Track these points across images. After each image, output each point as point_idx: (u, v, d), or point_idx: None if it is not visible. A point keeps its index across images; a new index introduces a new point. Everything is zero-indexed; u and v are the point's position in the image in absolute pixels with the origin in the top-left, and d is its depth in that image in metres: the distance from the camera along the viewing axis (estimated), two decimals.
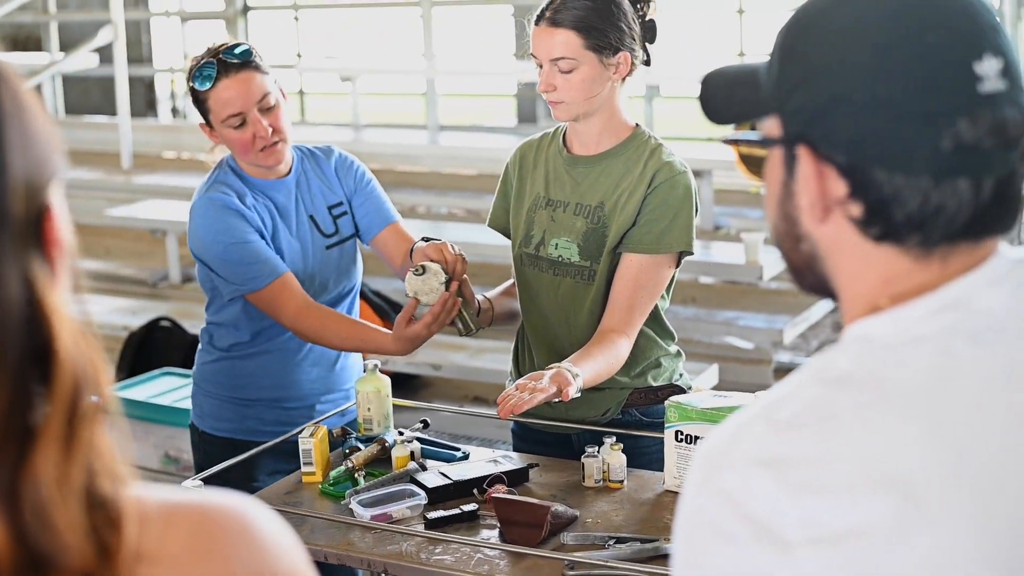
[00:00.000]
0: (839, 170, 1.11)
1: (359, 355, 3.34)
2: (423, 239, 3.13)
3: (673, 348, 3.10)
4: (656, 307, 2.99)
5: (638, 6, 2.93)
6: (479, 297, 3.12)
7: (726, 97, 1.22)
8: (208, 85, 3.03)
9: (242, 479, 2.97)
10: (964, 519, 1.02)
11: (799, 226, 1.17)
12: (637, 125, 3.02)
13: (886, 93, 1.09)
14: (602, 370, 2.86)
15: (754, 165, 1.23)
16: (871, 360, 1.09)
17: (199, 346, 3.31)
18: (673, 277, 3.01)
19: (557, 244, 3.00)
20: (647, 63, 2.98)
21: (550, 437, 3.08)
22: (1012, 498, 1.04)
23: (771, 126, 1.17)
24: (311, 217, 3.18)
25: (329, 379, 3.26)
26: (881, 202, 1.10)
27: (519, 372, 3.11)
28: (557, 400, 2.71)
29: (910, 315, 1.10)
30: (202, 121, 3.13)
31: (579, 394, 2.74)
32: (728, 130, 1.28)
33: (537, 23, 2.91)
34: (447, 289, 2.99)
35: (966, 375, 1.07)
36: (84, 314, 0.88)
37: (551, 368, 2.76)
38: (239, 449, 3.04)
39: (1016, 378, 1.09)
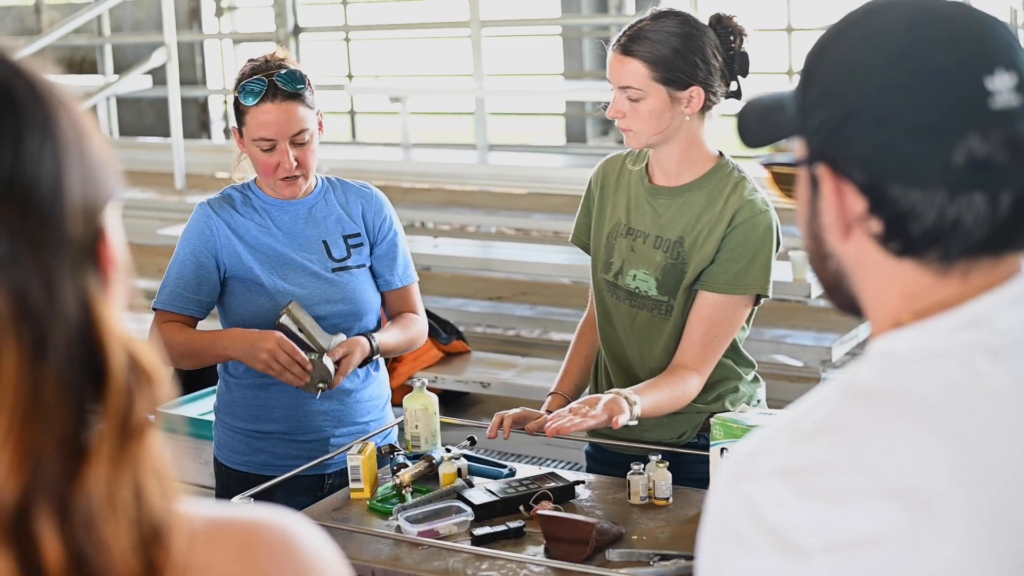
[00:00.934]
0: (857, 187, 1.14)
1: (378, 389, 3.32)
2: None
3: (751, 375, 3.09)
4: (734, 338, 3.00)
5: (731, 39, 2.91)
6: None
7: (759, 122, 1.25)
8: (252, 101, 3.06)
9: None
10: (977, 529, 1.04)
11: (825, 244, 1.20)
12: (721, 155, 2.99)
13: (896, 109, 1.11)
14: (665, 403, 2.87)
15: (786, 186, 1.26)
16: (893, 373, 1.11)
17: (219, 375, 3.30)
18: (752, 312, 2.99)
19: (635, 275, 2.99)
20: (737, 95, 2.94)
21: (624, 459, 3.07)
22: (1021, 506, 1.06)
23: (797, 147, 1.20)
24: (324, 242, 3.19)
25: (343, 412, 3.22)
26: (899, 217, 1.12)
27: (597, 390, 3.12)
28: (607, 428, 2.75)
29: (933, 330, 1.12)
30: (235, 125, 3.17)
31: (635, 423, 2.77)
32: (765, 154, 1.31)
33: (613, 48, 2.91)
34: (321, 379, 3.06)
35: (985, 390, 1.09)
36: (144, 331, 0.91)
37: (609, 393, 2.78)
38: (252, 483, 3.01)
39: None
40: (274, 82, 3.05)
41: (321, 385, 3.06)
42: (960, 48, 1.12)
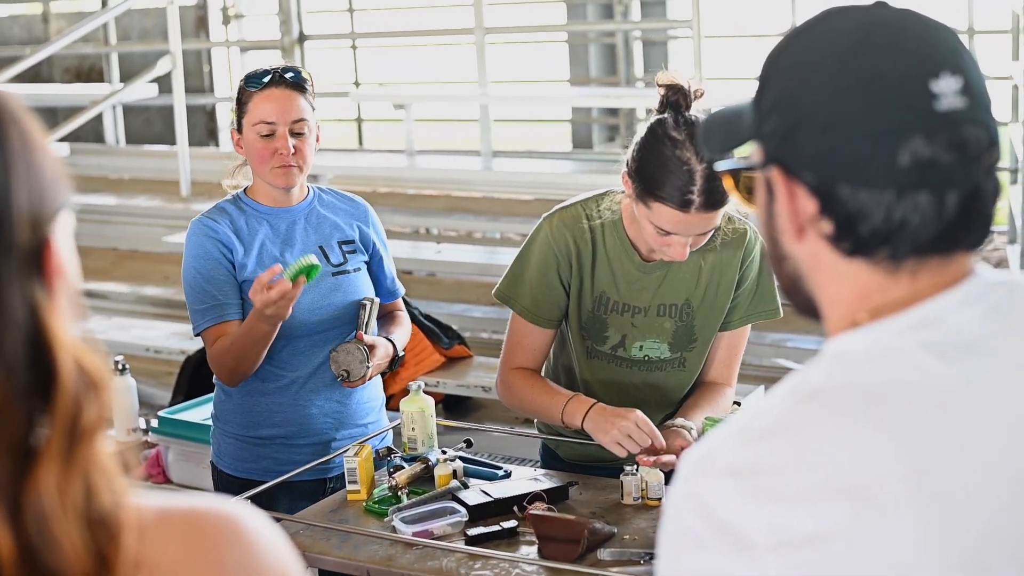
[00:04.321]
0: (808, 189, 1.17)
1: (375, 390, 3.35)
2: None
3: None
4: None
5: (691, 97, 2.75)
6: None
7: (722, 129, 1.29)
8: (257, 87, 3.13)
9: None
10: (923, 527, 1.06)
11: (781, 247, 1.23)
12: None
13: (843, 113, 1.14)
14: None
15: (747, 192, 1.29)
16: (843, 374, 1.13)
17: (215, 384, 3.31)
18: None
19: (643, 346, 3.00)
20: None
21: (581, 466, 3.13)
22: (967, 505, 1.08)
23: (755, 152, 1.23)
24: (321, 248, 3.22)
25: (343, 414, 3.26)
26: (848, 217, 1.15)
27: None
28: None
29: (885, 331, 1.15)
30: (233, 127, 3.21)
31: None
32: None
33: (684, 208, 2.68)
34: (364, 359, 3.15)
35: (935, 390, 1.11)
36: (91, 337, 0.93)
37: (667, 428, 2.90)
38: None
39: (981, 394, 1.13)
40: (279, 72, 3.15)
41: (344, 372, 3.13)
42: (906, 52, 1.15)
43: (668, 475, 2.88)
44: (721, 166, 1.32)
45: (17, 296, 0.89)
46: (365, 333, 3.19)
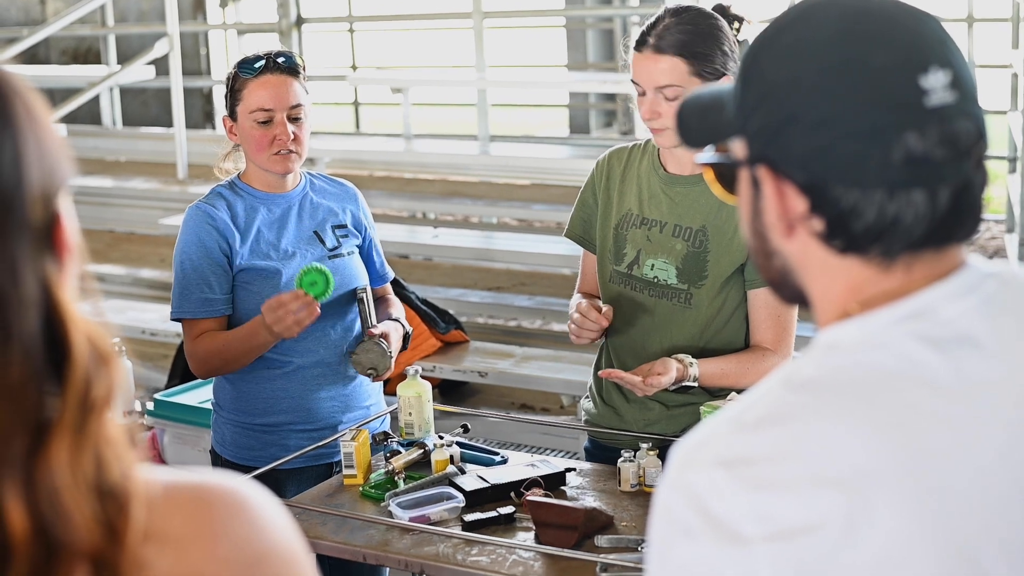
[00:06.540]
0: (798, 187, 1.16)
1: None
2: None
3: None
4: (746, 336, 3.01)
5: (733, 25, 2.91)
6: None
7: (699, 121, 1.27)
8: (251, 74, 3.11)
9: None
10: (915, 518, 1.06)
11: (769, 243, 1.21)
12: None
13: (834, 111, 1.13)
14: (732, 371, 2.91)
15: (728, 185, 1.28)
16: (834, 365, 1.13)
17: None
18: None
19: (654, 265, 2.97)
20: None
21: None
22: (959, 496, 1.08)
23: (737, 147, 1.22)
24: (316, 233, 3.22)
25: (349, 397, 3.25)
26: (840, 216, 1.14)
27: (600, 393, 3.12)
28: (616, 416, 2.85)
29: (877, 322, 1.14)
30: (225, 114, 3.20)
31: (693, 383, 2.87)
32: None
33: (639, 49, 2.84)
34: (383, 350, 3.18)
35: (926, 381, 1.11)
36: (99, 312, 0.94)
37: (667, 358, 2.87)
38: (264, 478, 2.93)
39: (972, 386, 1.12)
40: (272, 58, 3.13)
41: (371, 370, 3.15)
42: (894, 48, 1.14)
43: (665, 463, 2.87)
44: (702, 159, 1.30)
45: (31, 274, 0.89)
46: (372, 324, 3.19)
